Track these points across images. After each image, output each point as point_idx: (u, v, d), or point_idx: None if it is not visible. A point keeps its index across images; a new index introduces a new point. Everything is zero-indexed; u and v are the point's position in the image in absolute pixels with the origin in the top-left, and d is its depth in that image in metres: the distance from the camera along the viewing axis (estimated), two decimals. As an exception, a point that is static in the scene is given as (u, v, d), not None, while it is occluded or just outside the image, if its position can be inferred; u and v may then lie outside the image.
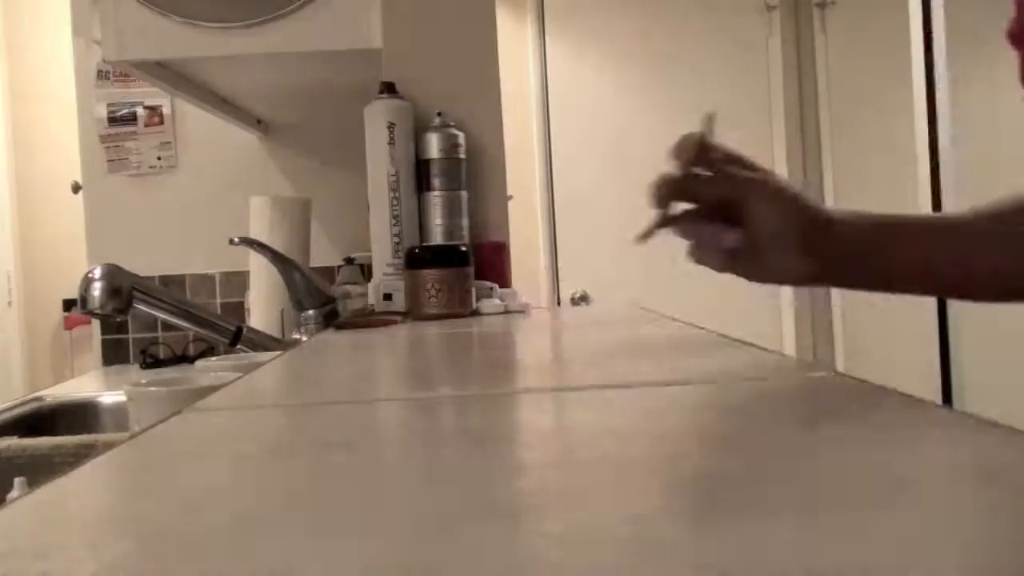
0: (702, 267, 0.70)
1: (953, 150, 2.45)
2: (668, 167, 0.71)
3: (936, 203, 2.44)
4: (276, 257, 1.56)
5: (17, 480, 0.88)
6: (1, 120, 3.56)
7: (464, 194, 1.49)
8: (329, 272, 1.89)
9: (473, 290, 1.28)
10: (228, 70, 1.61)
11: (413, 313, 1.25)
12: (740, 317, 3.24)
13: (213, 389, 0.62)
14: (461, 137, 1.49)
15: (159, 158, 2.10)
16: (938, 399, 2.40)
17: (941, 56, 2.42)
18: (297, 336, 1.51)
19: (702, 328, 0.83)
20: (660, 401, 0.48)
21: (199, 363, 1.31)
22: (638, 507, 0.28)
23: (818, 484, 0.29)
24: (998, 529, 0.24)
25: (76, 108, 2.10)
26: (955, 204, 2.42)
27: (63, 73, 2.53)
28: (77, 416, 1.49)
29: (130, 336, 2.06)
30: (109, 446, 0.41)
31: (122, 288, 1.28)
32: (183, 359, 1.94)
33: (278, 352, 1.20)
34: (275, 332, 1.68)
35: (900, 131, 2.65)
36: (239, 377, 0.69)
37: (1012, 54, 0.73)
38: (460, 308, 1.24)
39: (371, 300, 1.41)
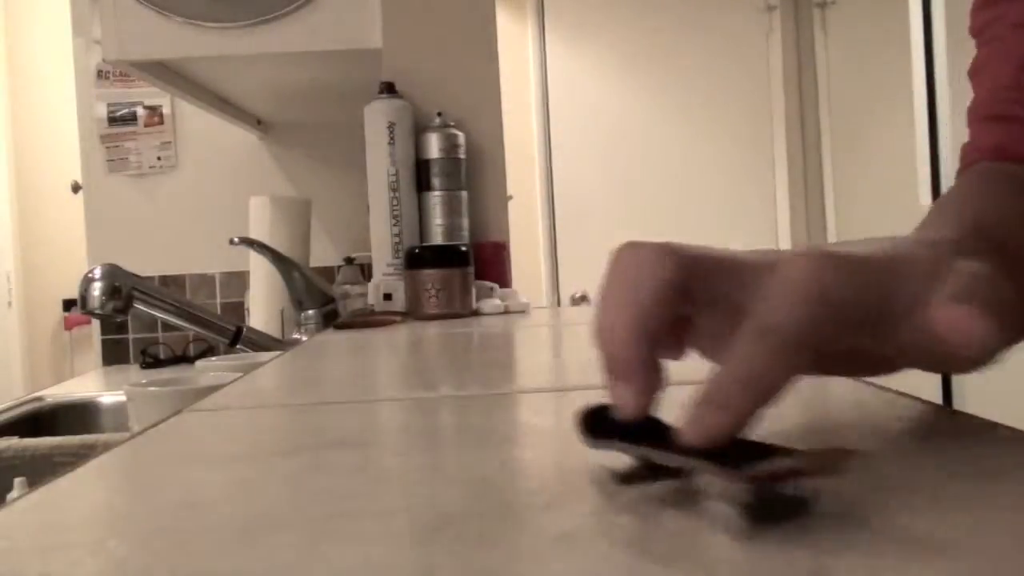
0: None
1: (953, 151, 2.45)
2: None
3: (936, 203, 2.44)
4: (276, 257, 1.56)
5: (17, 480, 0.88)
6: (1, 120, 3.56)
7: (464, 194, 1.49)
8: (329, 272, 1.89)
9: (473, 290, 1.28)
10: (228, 70, 1.61)
11: (413, 313, 1.25)
12: (740, 317, 3.23)
13: (213, 389, 0.62)
14: (461, 137, 1.49)
15: (159, 158, 2.10)
16: (938, 399, 2.40)
17: (941, 56, 2.42)
18: (297, 336, 1.51)
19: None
20: (661, 401, 0.48)
21: (199, 363, 1.31)
22: (638, 507, 0.28)
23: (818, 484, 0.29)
24: (998, 529, 0.24)
25: (76, 108, 2.10)
26: (955, 204, 2.42)
27: (63, 73, 2.53)
28: (77, 416, 1.49)
29: (130, 336, 2.06)
30: (109, 446, 0.41)
31: (122, 288, 1.28)
32: (183, 359, 1.94)
33: (278, 352, 1.20)
34: (275, 332, 1.68)
35: (900, 131, 2.65)
36: (239, 377, 0.69)
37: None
38: (460, 308, 1.24)
39: (371, 300, 1.41)
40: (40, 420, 1.45)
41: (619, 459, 0.30)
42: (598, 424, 0.31)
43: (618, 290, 0.33)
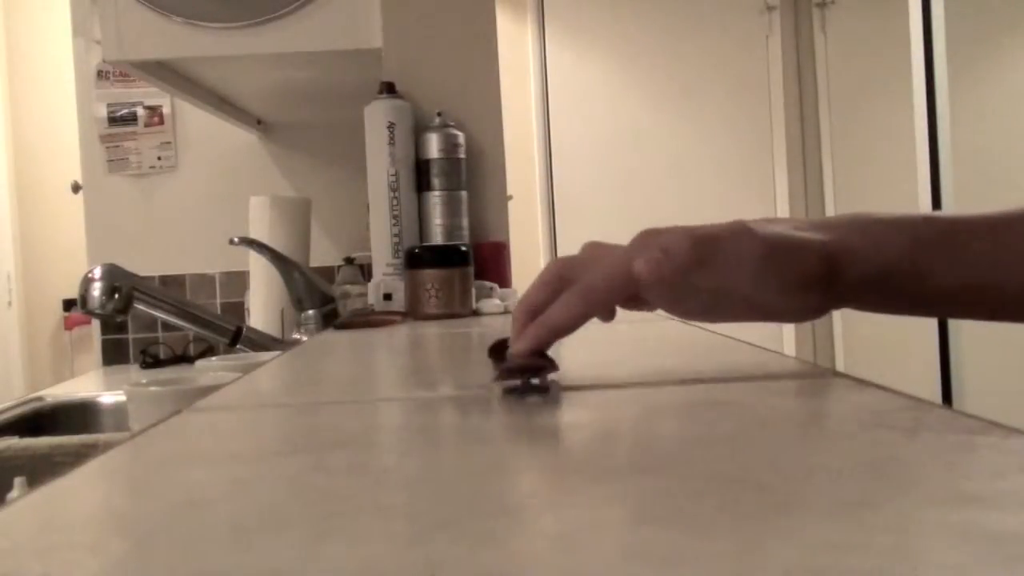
0: None
1: (953, 150, 2.45)
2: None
3: (936, 203, 2.44)
4: (276, 257, 1.56)
5: (17, 480, 0.88)
6: (1, 120, 3.56)
7: (464, 194, 1.49)
8: (329, 272, 1.89)
9: (473, 290, 1.28)
10: (228, 70, 1.61)
11: (413, 313, 1.25)
12: (740, 317, 3.24)
13: (213, 389, 0.62)
14: (461, 137, 1.49)
15: (159, 158, 2.10)
16: (938, 399, 2.40)
17: (941, 56, 2.42)
18: (297, 336, 1.51)
19: (701, 328, 0.83)
20: (659, 401, 0.48)
21: (199, 363, 1.31)
22: (638, 507, 0.28)
23: (818, 484, 0.29)
24: (997, 529, 0.24)
25: (76, 108, 2.10)
26: (955, 204, 2.42)
27: (63, 73, 2.53)
28: (77, 416, 1.49)
29: (130, 336, 2.06)
30: (109, 446, 0.41)
31: (122, 288, 1.28)
32: (183, 359, 1.94)
33: (278, 352, 1.20)
34: (275, 332, 1.68)
35: (900, 131, 2.65)
36: (239, 377, 0.69)
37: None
38: (460, 308, 1.24)
39: (371, 300, 1.41)
40: (40, 420, 1.45)
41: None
42: (498, 351, 0.55)
43: (530, 286, 0.56)
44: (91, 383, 1.81)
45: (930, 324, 2.49)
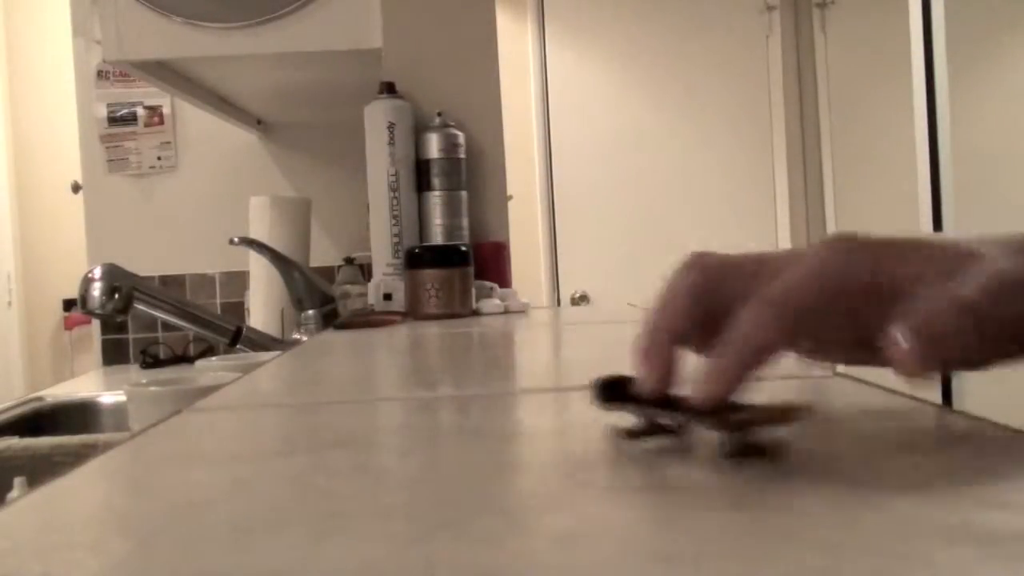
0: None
1: (953, 150, 2.45)
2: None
3: (936, 203, 2.44)
4: (276, 257, 1.56)
5: (17, 480, 0.88)
6: (1, 120, 3.56)
7: (464, 194, 1.49)
8: (329, 272, 1.88)
9: (473, 290, 1.28)
10: (228, 70, 1.61)
11: (413, 313, 1.25)
12: (740, 317, 3.23)
13: (213, 389, 0.62)
14: (461, 137, 1.49)
15: (159, 158, 2.10)
16: (938, 399, 2.40)
17: (941, 56, 2.42)
18: (297, 336, 1.51)
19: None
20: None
21: (199, 363, 1.31)
22: (638, 507, 0.28)
23: (817, 484, 0.29)
24: (997, 529, 0.24)
25: (76, 108, 2.10)
26: (955, 205, 2.42)
27: (63, 73, 2.53)
28: (77, 416, 1.49)
29: (130, 336, 2.06)
30: (109, 446, 0.41)
31: (122, 288, 1.28)
32: (183, 359, 1.94)
33: (278, 352, 1.19)
34: (275, 332, 1.68)
35: (900, 131, 2.65)
36: (239, 377, 0.69)
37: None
38: (460, 308, 1.24)
39: (371, 300, 1.41)
40: (40, 420, 1.45)
41: (625, 419, 0.36)
42: (611, 391, 0.38)
43: (662, 295, 0.39)
44: (91, 383, 1.81)
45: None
